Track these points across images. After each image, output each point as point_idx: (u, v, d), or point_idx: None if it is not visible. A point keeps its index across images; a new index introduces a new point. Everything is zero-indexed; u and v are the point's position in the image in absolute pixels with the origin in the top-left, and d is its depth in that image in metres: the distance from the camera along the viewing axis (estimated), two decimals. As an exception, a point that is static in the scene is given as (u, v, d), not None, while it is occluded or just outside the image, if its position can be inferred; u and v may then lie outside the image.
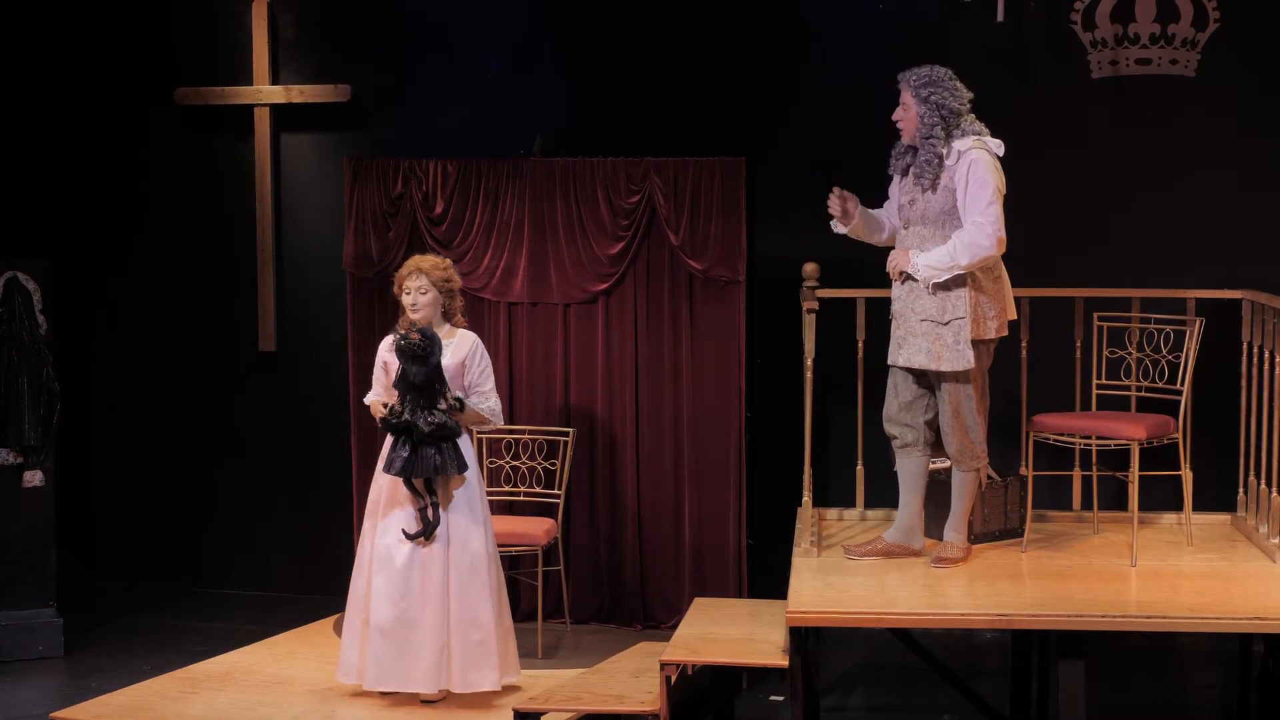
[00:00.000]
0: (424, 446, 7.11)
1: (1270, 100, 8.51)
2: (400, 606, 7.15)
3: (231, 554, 9.63)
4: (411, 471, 7.13)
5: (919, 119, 6.93)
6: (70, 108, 9.64)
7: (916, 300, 6.97)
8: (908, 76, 6.97)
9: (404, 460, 7.12)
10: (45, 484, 8.45)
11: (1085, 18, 8.62)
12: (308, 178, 9.45)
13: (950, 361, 6.91)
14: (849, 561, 7.14)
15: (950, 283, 6.89)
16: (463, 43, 9.18)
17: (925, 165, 6.92)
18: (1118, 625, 6.36)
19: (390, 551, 7.19)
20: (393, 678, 7.19)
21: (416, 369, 7.12)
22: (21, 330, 8.38)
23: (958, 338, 6.89)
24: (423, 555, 7.17)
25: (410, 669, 7.17)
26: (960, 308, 6.89)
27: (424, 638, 7.15)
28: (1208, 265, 8.34)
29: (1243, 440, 7.72)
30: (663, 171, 8.51)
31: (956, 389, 6.98)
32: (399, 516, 7.22)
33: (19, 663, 8.26)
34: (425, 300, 7.29)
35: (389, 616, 7.15)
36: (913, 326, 6.99)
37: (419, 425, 7.09)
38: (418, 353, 7.12)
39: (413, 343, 7.12)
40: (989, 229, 6.79)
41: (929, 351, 6.94)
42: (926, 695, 7.84)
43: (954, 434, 7.02)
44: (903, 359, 7.04)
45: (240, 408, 9.59)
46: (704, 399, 8.59)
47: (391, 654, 7.16)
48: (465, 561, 7.23)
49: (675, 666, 6.75)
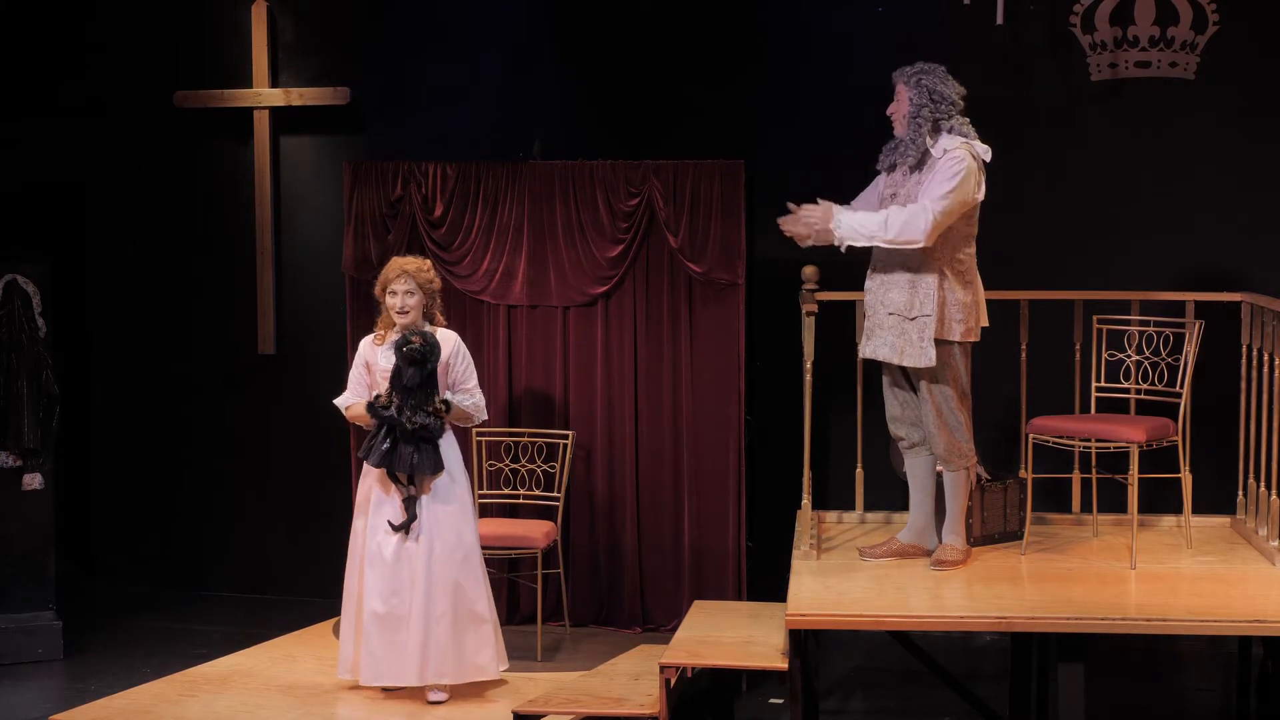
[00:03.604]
0: (404, 444, 7.21)
1: (1269, 102, 8.52)
2: (391, 602, 7.22)
3: (230, 557, 9.62)
4: (390, 465, 7.23)
5: (909, 103, 6.93)
6: (70, 110, 9.64)
7: (887, 294, 6.98)
8: (906, 70, 7.01)
9: (382, 453, 7.23)
10: (44, 487, 8.45)
11: (1084, 20, 8.62)
12: (307, 180, 9.45)
13: (913, 357, 6.92)
14: (849, 564, 7.14)
15: (920, 280, 6.89)
16: (462, 45, 9.18)
17: (909, 148, 6.92)
18: (1117, 628, 6.36)
19: (380, 548, 7.26)
20: (387, 672, 7.25)
21: (413, 372, 7.18)
22: (21, 333, 8.38)
23: (922, 334, 6.90)
24: (411, 550, 7.24)
25: (405, 663, 7.23)
26: (928, 305, 6.89)
27: (415, 631, 7.20)
28: (1207, 268, 8.34)
29: (1242, 443, 7.72)
30: (662, 174, 8.51)
31: (934, 389, 7.00)
32: (387, 512, 7.28)
33: (18, 666, 8.25)
34: (413, 303, 7.35)
35: (381, 612, 7.22)
36: (880, 319, 7.01)
37: (403, 423, 7.18)
38: (417, 358, 7.19)
39: (415, 347, 7.18)
40: (928, 219, 6.73)
41: (893, 345, 6.97)
42: (926, 698, 7.84)
43: (939, 434, 7.03)
44: (869, 350, 7.09)
45: (239, 410, 9.59)
46: (703, 401, 8.58)
47: (385, 648, 7.23)
48: (459, 555, 7.32)
49: (675, 669, 6.75)
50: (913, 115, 6.93)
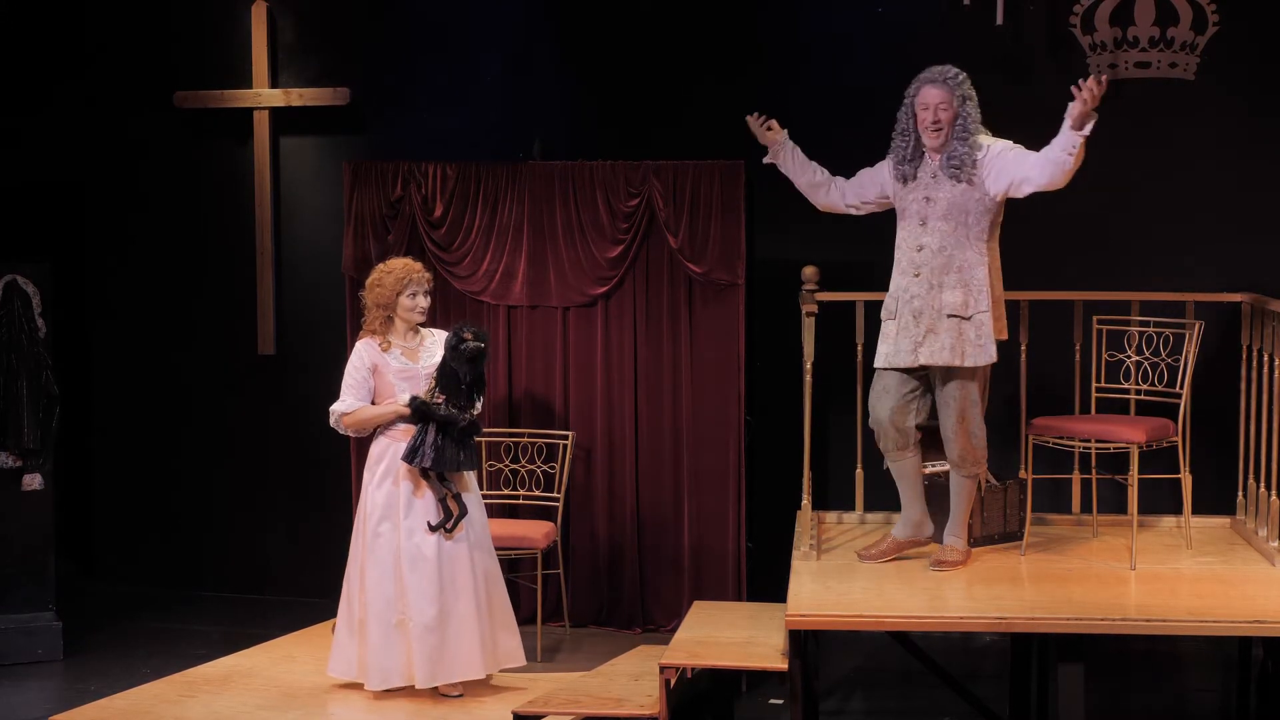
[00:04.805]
0: (448, 442, 7.19)
1: (1269, 103, 8.52)
2: (440, 602, 7.23)
3: (230, 557, 9.62)
4: (442, 465, 7.19)
5: (958, 116, 6.87)
6: (70, 110, 9.64)
7: (940, 296, 6.87)
8: (944, 75, 6.88)
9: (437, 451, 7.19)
10: (44, 487, 8.45)
11: (1084, 21, 8.62)
12: (307, 181, 9.45)
13: (974, 357, 6.85)
14: (849, 564, 7.14)
15: (971, 278, 6.86)
16: (462, 46, 9.19)
17: (962, 160, 6.85)
18: (1117, 628, 6.36)
19: (420, 549, 7.25)
20: (444, 672, 7.28)
21: (467, 369, 7.17)
22: (21, 334, 8.38)
23: (979, 332, 6.84)
24: (450, 548, 7.27)
25: (457, 660, 7.28)
26: (983, 301, 6.84)
27: (464, 627, 7.26)
28: (1207, 268, 8.35)
29: (1242, 443, 7.72)
30: (662, 174, 8.51)
31: (964, 390, 6.93)
32: (421, 513, 7.28)
33: (18, 666, 8.25)
34: (427, 304, 7.41)
35: (431, 614, 7.22)
36: (936, 323, 6.87)
37: (458, 421, 7.18)
38: (476, 355, 7.19)
39: (471, 345, 7.19)
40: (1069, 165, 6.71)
41: (952, 348, 6.85)
42: (926, 698, 7.84)
43: (957, 439, 6.98)
44: (925, 356, 6.89)
45: (239, 411, 9.59)
46: (703, 402, 8.58)
47: (439, 649, 7.24)
48: (488, 550, 7.44)
49: (675, 669, 6.74)
50: (960, 131, 6.86)
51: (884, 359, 7.05)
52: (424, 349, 7.41)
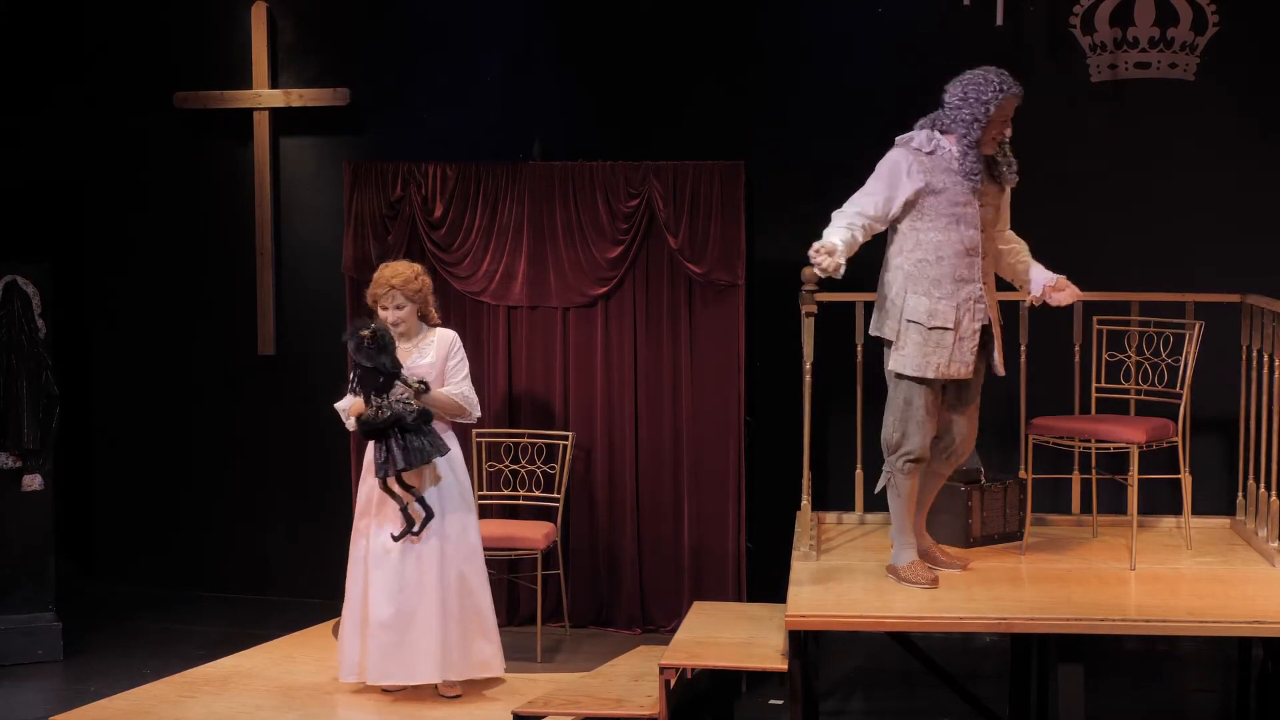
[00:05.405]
0: (410, 436, 7.14)
1: (1269, 104, 8.52)
2: (398, 601, 7.22)
3: (230, 557, 9.62)
4: (418, 460, 7.13)
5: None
6: (71, 110, 9.64)
7: (993, 304, 6.82)
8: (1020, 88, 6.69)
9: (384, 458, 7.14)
10: (44, 488, 8.45)
11: (1084, 21, 8.62)
12: (307, 181, 9.45)
13: (1003, 364, 6.90)
14: (849, 565, 7.13)
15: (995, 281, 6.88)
16: (462, 46, 9.18)
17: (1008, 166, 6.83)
18: (1117, 629, 6.36)
19: (385, 547, 7.26)
20: (397, 671, 7.27)
21: (382, 359, 7.10)
22: (21, 334, 8.38)
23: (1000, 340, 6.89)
24: (418, 548, 7.25)
25: (412, 661, 7.25)
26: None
27: (423, 629, 7.23)
28: (1207, 268, 8.34)
29: (1242, 444, 7.72)
30: (662, 175, 8.51)
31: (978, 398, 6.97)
32: (392, 513, 7.27)
33: (18, 667, 8.25)
34: (403, 314, 7.36)
35: (388, 612, 7.23)
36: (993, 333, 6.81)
37: (407, 415, 7.11)
38: (375, 341, 7.09)
39: (364, 333, 7.10)
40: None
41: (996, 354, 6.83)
42: (926, 699, 7.84)
43: (972, 440, 7.00)
44: (1003, 366, 6.86)
45: (239, 411, 9.59)
46: (703, 402, 8.59)
47: (393, 648, 7.24)
48: (464, 553, 7.36)
49: (674, 670, 6.74)
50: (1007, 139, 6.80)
51: (935, 369, 6.68)
52: (417, 350, 7.39)
